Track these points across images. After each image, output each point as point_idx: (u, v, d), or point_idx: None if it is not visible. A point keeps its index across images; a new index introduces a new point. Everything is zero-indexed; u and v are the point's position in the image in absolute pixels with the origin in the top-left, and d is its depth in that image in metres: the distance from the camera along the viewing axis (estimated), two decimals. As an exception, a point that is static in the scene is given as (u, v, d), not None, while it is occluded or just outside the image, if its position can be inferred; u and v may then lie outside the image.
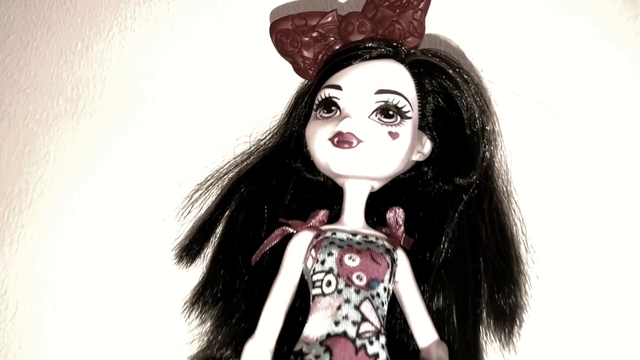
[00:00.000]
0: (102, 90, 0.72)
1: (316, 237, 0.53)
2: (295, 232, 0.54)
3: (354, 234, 0.53)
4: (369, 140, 0.52)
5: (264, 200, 0.59)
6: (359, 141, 0.52)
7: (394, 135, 0.53)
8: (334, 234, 0.53)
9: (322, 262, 0.51)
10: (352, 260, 0.51)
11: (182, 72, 0.70)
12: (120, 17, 0.74)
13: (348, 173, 0.53)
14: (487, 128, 0.56)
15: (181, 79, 0.70)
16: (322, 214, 0.55)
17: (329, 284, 0.50)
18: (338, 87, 0.54)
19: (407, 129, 0.53)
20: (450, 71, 0.56)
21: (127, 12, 0.74)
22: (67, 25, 0.75)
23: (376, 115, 0.53)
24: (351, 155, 0.52)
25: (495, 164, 0.58)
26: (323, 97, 0.55)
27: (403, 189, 0.59)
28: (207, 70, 0.70)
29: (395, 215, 0.56)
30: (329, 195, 0.59)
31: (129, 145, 0.69)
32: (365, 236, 0.54)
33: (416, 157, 0.57)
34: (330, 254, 0.51)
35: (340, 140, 0.52)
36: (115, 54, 0.73)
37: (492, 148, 0.57)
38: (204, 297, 0.59)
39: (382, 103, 0.53)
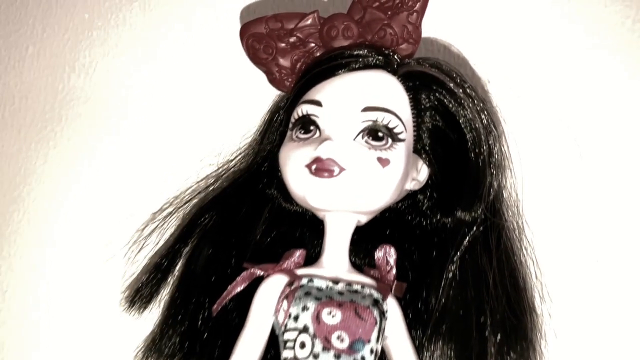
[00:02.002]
0: (53, 101, 0.66)
1: (289, 284, 0.47)
2: (265, 275, 0.48)
3: (335, 282, 0.47)
4: (354, 168, 0.46)
5: (232, 234, 0.54)
6: (342, 169, 0.46)
7: (383, 162, 0.47)
8: (311, 281, 0.47)
9: (296, 318, 0.45)
10: (331, 317, 0.44)
11: (138, 83, 0.65)
12: (78, 18, 0.68)
13: (328, 207, 0.48)
14: (495, 152, 0.51)
15: (136, 91, 0.64)
16: (298, 254, 0.49)
17: (302, 345, 0.44)
18: (318, 103, 0.49)
19: (399, 153, 0.48)
20: (451, 84, 0.50)
21: (85, 12, 0.68)
22: (17, 26, 0.69)
23: (363, 138, 0.47)
24: (332, 185, 0.46)
25: (504, 194, 0.53)
26: (300, 114, 0.49)
27: (395, 222, 0.54)
28: (167, 81, 0.64)
29: (386, 255, 0.50)
30: (310, 228, 0.54)
31: (77, 165, 0.64)
32: (349, 284, 0.47)
33: (410, 186, 0.51)
34: (305, 308, 0.45)
35: (319, 167, 0.46)
36: (70, 60, 0.67)
37: (500, 175, 0.52)
38: (158, 349, 0.53)
39: (370, 123, 0.47)
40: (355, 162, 0.46)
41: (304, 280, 0.47)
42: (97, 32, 0.67)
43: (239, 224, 0.54)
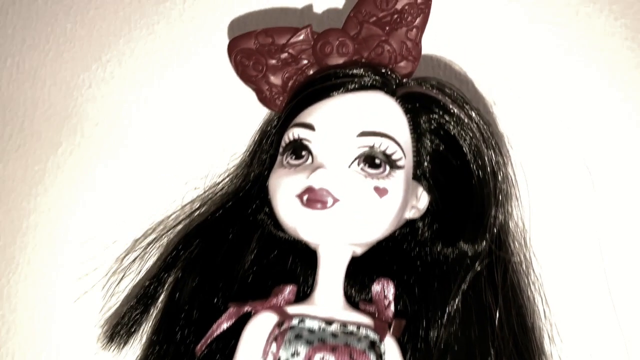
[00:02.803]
0: (33, 116, 0.64)
1: (278, 325, 0.44)
2: (252, 312, 0.45)
3: (329, 322, 0.44)
4: (349, 199, 0.44)
5: (218, 263, 0.51)
6: (335, 200, 0.44)
7: (381, 192, 0.44)
8: (302, 321, 0.44)
9: (285, 364, 0.42)
10: (324, 363, 0.41)
11: (123, 98, 0.62)
12: (60, 29, 0.66)
13: (321, 240, 0.46)
14: (500, 179, 0.49)
15: (121, 107, 0.62)
16: (288, 291, 0.47)
17: (292, 394, 0.41)
18: (310, 127, 0.46)
19: (398, 181, 0.45)
20: (453, 106, 0.48)
21: (68, 23, 0.66)
22: (-7, 37, 0.67)
23: (359, 165, 0.45)
24: (325, 217, 0.44)
25: (510, 225, 0.51)
26: (291, 138, 0.47)
27: (393, 251, 0.51)
28: (151, 97, 0.62)
29: (384, 289, 0.48)
30: (302, 258, 0.51)
31: (56, 186, 0.61)
32: (344, 324, 0.44)
33: (410, 215, 0.49)
34: (295, 353, 0.42)
35: (311, 198, 0.44)
36: (51, 73, 0.65)
37: (506, 204, 0.49)
38: (138, 390, 0.51)
39: (367, 149, 0.45)
40: (350, 192, 0.44)
41: (295, 321, 0.44)
42: (80, 43, 0.65)
43: (226, 253, 0.52)
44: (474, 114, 0.49)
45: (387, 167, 0.45)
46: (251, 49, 0.52)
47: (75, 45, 0.65)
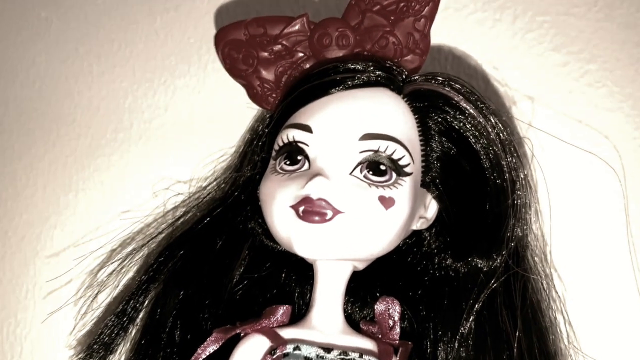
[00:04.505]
0: (3, 115, 0.62)
1: (270, 352, 0.41)
2: (242, 333, 0.43)
3: (328, 349, 0.42)
4: (351, 211, 0.41)
5: (205, 276, 0.50)
6: (336, 212, 0.41)
7: (387, 202, 0.42)
8: (298, 348, 0.41)
9: (278, 399, 0.40)
10: (322, 397, 0.39)
11: (100, 94, 0.61)
12: (33, 17, 0.64)
13: (319, 256, 0.44)
14: (518, 187, 0.46)
15: (97, 103, 0.61)
16: (282, 312, 0.45)
17: None
18: (307, 129, 0.44)
19: (405, 190, 0.43)
20: (466, 106, 0.46)
21: (42, 11, 0.64)
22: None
23: (361, 172, 0.43)
24: (324, 232, 0.41)
25: (530, 238, 0.48)
26: (285, 141, 0.45)
27: (397, 264, 0.49)
28: (130, 92, 0.60)
29: (388, 309, 0.46)
30: (297, 271, 0.50)
31: (28, 187, 0.61)
32: (344, 352, 0.42)
33: (417, 226, 0.47)
34: None
35: (308, 210, 0.41)
36: (24, 67, 0.63)
37: (525, 214, 0.47)
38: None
39: (371, 153, 0.43)
40: (352, 203, 0.42)
41: (289, 348, 0.41)
42: (56, 35, 0.63)
43: (213, 265, 0.50)
44: (490, 115, 0.47)
45: (394, 174, 0.43)
46: (241, 41, 0.50)
47: (50, 37, 0.63)
